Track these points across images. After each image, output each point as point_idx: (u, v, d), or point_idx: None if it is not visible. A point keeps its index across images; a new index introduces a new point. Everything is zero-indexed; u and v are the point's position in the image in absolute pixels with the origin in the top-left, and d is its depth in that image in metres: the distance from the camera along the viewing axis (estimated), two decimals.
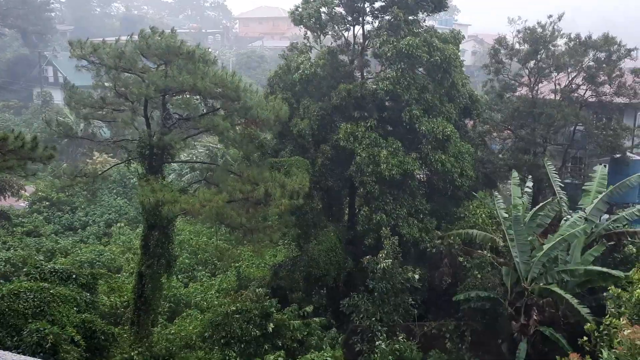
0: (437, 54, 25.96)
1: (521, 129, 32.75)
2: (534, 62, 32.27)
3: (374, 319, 23.18)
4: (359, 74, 28.08)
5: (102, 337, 19.69)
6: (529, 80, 32.77)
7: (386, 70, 26.95)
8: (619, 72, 31.53)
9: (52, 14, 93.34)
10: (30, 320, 18.28)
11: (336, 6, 27.16)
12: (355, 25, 27.94)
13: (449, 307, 25.54)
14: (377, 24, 27.96)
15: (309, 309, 23.88)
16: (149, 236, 21.35)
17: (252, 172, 21.33)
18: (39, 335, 17.34)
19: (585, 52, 31.85)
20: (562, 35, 32.19)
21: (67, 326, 18.61)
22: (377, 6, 27.58)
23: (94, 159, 42.05)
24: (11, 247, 31.45)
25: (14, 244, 32.10)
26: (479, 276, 23.67)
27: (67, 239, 34.81)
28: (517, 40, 32.64)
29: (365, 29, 27.94)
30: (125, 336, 21.26)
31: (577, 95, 32.33)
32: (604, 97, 31.93)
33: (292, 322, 22.68)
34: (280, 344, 21.75)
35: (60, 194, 39.38)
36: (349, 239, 27.54)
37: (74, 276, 21.95)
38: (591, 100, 32.31)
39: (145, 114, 21.37)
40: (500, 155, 33.25)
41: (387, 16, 27.14)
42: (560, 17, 31.77)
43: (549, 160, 29.69)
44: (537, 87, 32.60)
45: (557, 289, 21.55)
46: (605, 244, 24.29)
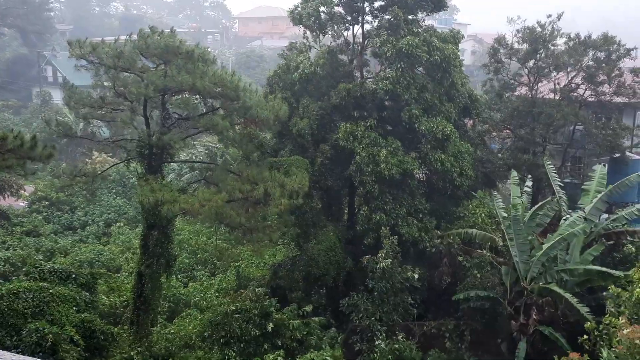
0: (436, 54, 25.96)
1: (520, 128, 32.77)
2: (533, 61, 32.27)
3: (373, 318, 23.19)
4: (359, 73, 28.08)
5: (102, 337, 19.70)
6: (528, 79, 32.76)
7: (386, 69, 26.96)
8: (618, 72, 31.54)
9: (52, 14, 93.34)
10: (29, 319, 18.27)
11: (335, 5, 27.16)
12: (354, 24, 27.94)
13: (448, 306, 25.56)
14: (376, 23, 27.96)
15: (309, 308, 23.87)
16: (148, 236, 21.35)
17: (252, 171, 21.33)
18: (38, 334, 17.34)
19: (584, 52, 31.86)
20: (562, 34, 32.21)
21: (66, 326, 18.60)
22: (376, 6, 27.60)
23: (94, 158, 42.03)
24: (10, 246, 31.42)
25: (14, 243, 32.07)
26: (479, 275, 23.67)
27: (67, 239, 34.78)
28: (516, 39, 32.67)
29: (364, 28, 27.95)
30: (124, 336, 21.26)
31: (576, 94, 32.35)
32: (603, 97, 31.94)
33: (291, 321, 22.67)
34: (279, 344, 21.75)
35: (59, 194, 39.36)
36: (349, 238, 27.54)
37: (74, 276, 21.93)
38: (590, 99, 32.31)
39: (144, 114, 21.35)
40: (499, 154, 33.27)
41: (387, 16, 27.13)
42: (559, 16, 31.78)
43: (548, 159, 29.68)
44: (536, 86, 32.61)
45: (556, 288, 21.55)
46: (604, 244, 24.29)
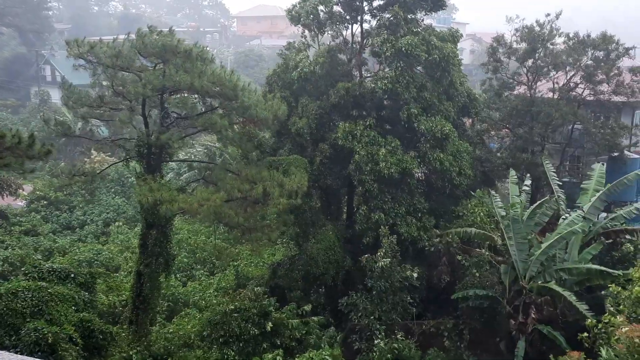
0: (435, 52, 25.97)
1: (519, 127, 32.78)
2: (532, 60, 32.28)
3: (372, 317, 23.18)
4: (357, 72, 28.07)
5: (101, 336, 19.69)
6: (527, 78, 32.77)
7: (385, 69, 26.95)
8: (617, 71, 31.56)
9: (50, 13, 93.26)
10: (28, 319, 18.25)
11: (334, 5, 27.15)
12: (353, 23, 27.93)
13: (447, 305, 25.58)
14: (375, 23, 27.94)
15: (308, 307, 23.85)
16: (147, 235, 21.34)
17: (251, 171, 21.33)
18: (37, 334, 17.33)
19: (583, 51, 31.87)
20: (561, 34, 32.22)
21: (65, 325, 18.58)
22: (375, 5, 27.58)
23: (92, 157, 41.99)
24: (9, 246, 31.39)
25: (12, 243, 32.05)
26: (477, 275, 23.67)
27: (65, 238, 34.75)
28: (515, 39, 32.67)
29: (363, 27, 27.92)
30: (123, 335, 21.25)
31: (575, 93, 32.37)
32: (602, 96, 31.96)
33: (290, 320, 22.66)
34: (278, 343, 21.74)
35: (58, 193, 39.33)
36: (348, 237, 27.53)
37: (72, 275, 21.90)
38: (589, 98, 32.32)
39: (143, 113, 21.33)
40: (498, 153, 33.27)
41: (387, 15, 27.11)
42: (557, 15, 31.80)
43: (547, 158, 29.67)
44: (535, 85, 32.62)
45: (555, 287, 21.55)
46: (603, 242, 24.31)
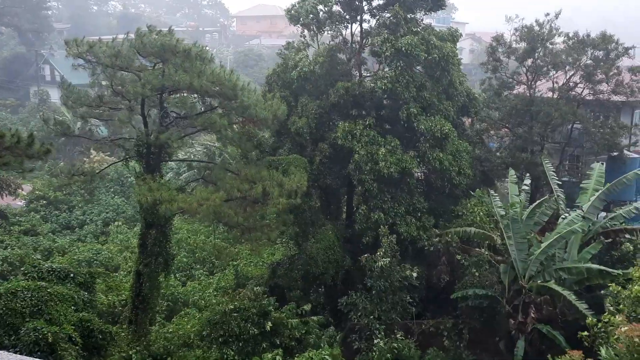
0: (435, 52, 25.96)
1: (519, 127, 32.79)
2: (531, 60, 32.28)
3: (372, 317, 23.18)
4: (357, 72, 28.06)
5: (100, 336, 19.67)
6: (526, 78, 32.77)
7: (384, 68, 26.94)
8: (616, 71, 31.58)
9: (49, 12, 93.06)
10: (27, 319, 18.24)
11: (334, 4, 27.14)
12: (352, 23, 27.92)
13: (446, 305, 25.58)
14: (374, 22, 27.93)
15: (307, 307, 23.86)
16: (146, 235, 21.34)
17: (250, 170, 21.32)
18: (37, 334, 17.31)
19: (583, 51, 31.88)
20: (560, 33, 32.21)
21: (64, 325, 18.56)
22: (375, 4, 27.56)
23: (92, 157, 41.97)
24: (8, 246, 31.38)
25: (11, 242, 32.03)
26: (477, 274, 23.67)
27: (65, 238, 34.74)
28: (514, 38, 32.67)
29: (362, 27, 27.91)
30: (123, 335, 21.24)
31: (574, 93, 32.38)
32: (601, 95, 31.98)
33: (290, 320, 22.66)
34: (278, 343, 21.74)
35: (57, 193, 39.30)
36: (347, 237, 27.53)
37: (72, 275, 21.89)
38: (589, 98, 32.35)
39: (142, 113, 21.32)
40: (497, 153, 33.28)
41: (387, 14, 27.10)
42: (557, 15, 31.80)
43: (546, 158, 29.68)
44: (534, 85, 32.63)
45: (555, 286, 21.55)
46: (602, 242, 24.31)
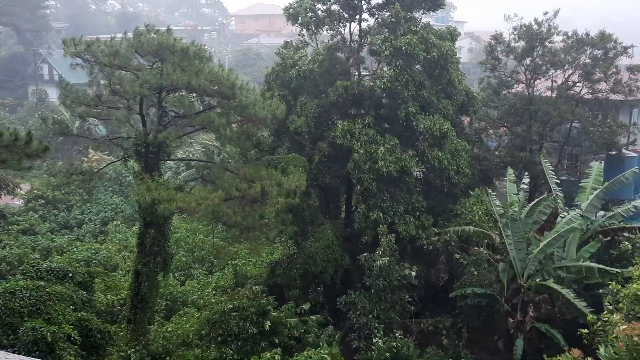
0: (434, 51, 25.96)
1: (517, 126, 32.81)
2: (530, 59, 32.28)
3: (370, 316, 23.19)
4: (355, 71, 28.05)
5: (99, 336, 19.65)
6: (525, 77, 32.77)
7: (383, 67, 26.92)
8: (615, 70, 31.60)
9: (47, 12, 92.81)
10: (26, 318, 18.21)
11: (333, 3, 27.12)
12: (351, 22, 27.90)
13: (445, 304, 25.61)
14: (373, 21, 27.92)
15: (306, 306, 23.86)
16: (145, 234, 21.31)
17: (249, 169, 21.28)
18: (35, 333, 17.29)
19: (581, 50, 31.90)
20: (559, 32, 32.22)
21: (63, 324, 18.54)
22: (374, 3, 27.55)
23: (90, 156, 41.93)
24: (7, 245, 31.33)
25: (10, 242, 31.98)
26: (476, 273, 23.70)
27: (63, 237, 34.69)
28: (513, 37, 32.67)
29: (361, 26, 27.90)
30: (121, 334, 21.22)
31: (573, 92, 32.39)
32: (600, 94, 31.99)
33: (289, 319, 22.65)
34: (277, 342, 21.73)
35: (56, 192, 39.24)
36: (346, 236, 27.54)
37: (70, 274, 21.85)
38: (587, 97, 32.37)
39: (140, 112, 21.27)
40: (496, 152, 33.31)
41: (386, 13, 27.07)
42: (555, 14, 31.80)
43: (545, 157, 29.69)
44: (533, 84, 32.64)
45: (553, 285, 21.57)
46: (601, 241, 24.35)
